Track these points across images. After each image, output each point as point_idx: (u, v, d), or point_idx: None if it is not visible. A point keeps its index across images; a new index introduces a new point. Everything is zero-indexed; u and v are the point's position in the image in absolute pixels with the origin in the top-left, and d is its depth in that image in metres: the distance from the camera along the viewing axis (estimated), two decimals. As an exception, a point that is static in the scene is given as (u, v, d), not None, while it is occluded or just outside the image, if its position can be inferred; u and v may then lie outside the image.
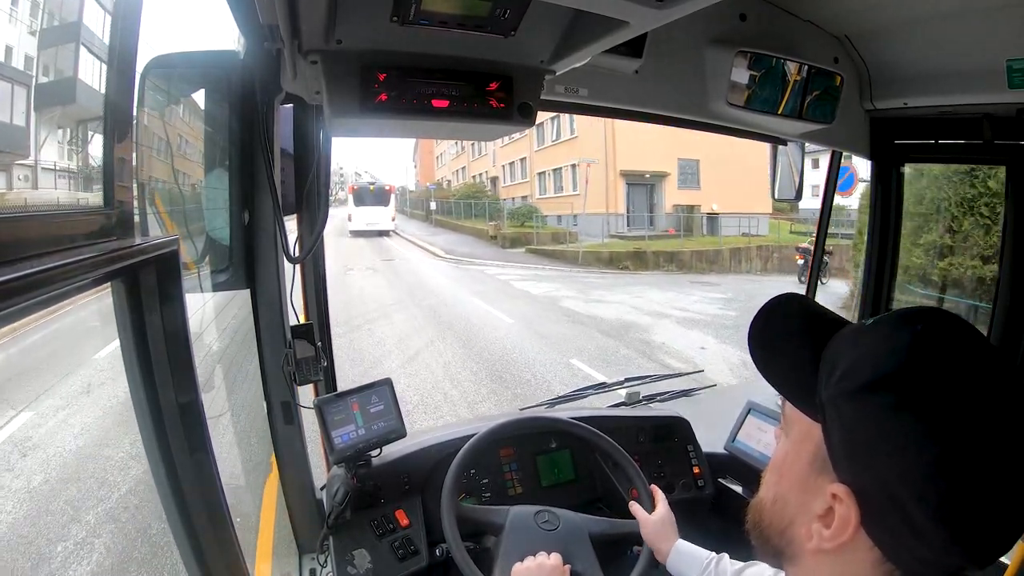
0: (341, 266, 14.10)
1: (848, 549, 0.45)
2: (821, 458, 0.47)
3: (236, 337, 4.64)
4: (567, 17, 0.79)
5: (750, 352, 0.54)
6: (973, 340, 0.44)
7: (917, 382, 0.42)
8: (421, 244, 20.56)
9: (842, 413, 0.45)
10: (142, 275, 0.73)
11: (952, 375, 0.42)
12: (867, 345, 0.46)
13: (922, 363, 0.42)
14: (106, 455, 3.69)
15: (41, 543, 2.86)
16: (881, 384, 0.43)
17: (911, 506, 0.41)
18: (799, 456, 0.50)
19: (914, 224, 4.09)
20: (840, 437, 0.45)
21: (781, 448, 0.54)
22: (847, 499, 0.44)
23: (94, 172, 0.87)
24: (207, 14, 2.90)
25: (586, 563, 1.11)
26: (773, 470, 0.54)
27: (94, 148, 0.98)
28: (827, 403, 0.46)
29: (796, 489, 0.50)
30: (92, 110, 0.84)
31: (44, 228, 0.55)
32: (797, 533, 0.49)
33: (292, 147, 1.18)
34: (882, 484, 0.42)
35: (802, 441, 0.49)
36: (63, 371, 4.72)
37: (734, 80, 1.20)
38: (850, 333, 0.49)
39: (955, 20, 1.15)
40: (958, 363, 0.42)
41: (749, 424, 1.51)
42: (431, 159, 42.72)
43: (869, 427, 0.43)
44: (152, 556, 2.80)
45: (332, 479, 1.24)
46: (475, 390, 5.67)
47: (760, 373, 0.53)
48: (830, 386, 0.46)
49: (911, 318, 0.46)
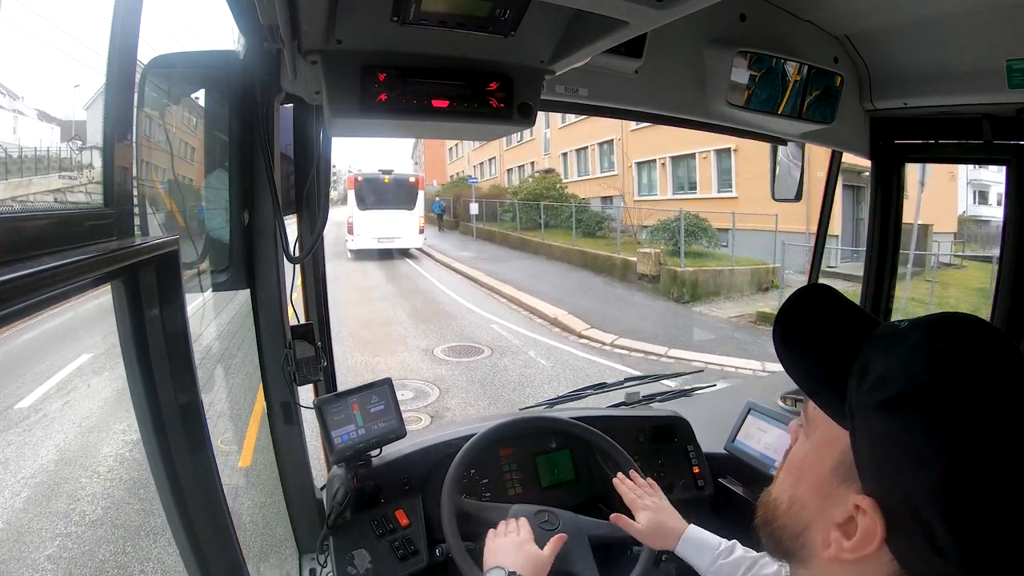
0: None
1: (867, 561, 0.44)
2: (846, 466, 0.46)
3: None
4: (567, 17, 0.79)
5: (775, 347, 0.52)
6: (1010, 354, 0.42)
7: (950, 398, 0.41)
8: (490, 285, 10.89)
9: (871, 424, 0.44)
10: (142, 275, 0.73)
11: (986, 394, 0.40)
12: (901, 352, 0.44)
13: (955, 378, 0.41)
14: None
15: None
16: (913, 398, 0.41)
17: (936, 524, 0.40)
18: (821, 461, 0.48)
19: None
20: (869, 449, 0.44)
21: (800, 448, 0.52)
22: (872, 512, 0.43)
23: (94, 172, 0.87)
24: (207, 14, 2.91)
25: (584, 565, 1.11)
26: (790, 470, 0.53)
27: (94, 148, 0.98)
28: (856, 411, 0.45)
29: (815, 494, 0.49)
30: (92, 110, 0.85)
31: (44, 228, 0.55)
32: (812, 538, 0.48)
33: (292, 147, 1.19)
34: (909, 500, 0.41)
35: (825, 445, 0.48)
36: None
37: (734, 80, 1.20)
38: (885, 336, 0.47)
39: (955, 20, 1.15)
40: (993, 380, 0.41)
41: (749, 424, 1.51)
42: (441, 152, 34.21)
43: (899, 441, 0.42)
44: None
45: (332, 479, 1.24)
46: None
47: (785, 370, 0.52)
48: (861, 393, 0.45)
49: (948, 326, 0.45)
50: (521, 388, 5.71)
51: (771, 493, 0.55)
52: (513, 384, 5.83)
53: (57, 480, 3.66)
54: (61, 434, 4.24)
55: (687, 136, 12.37)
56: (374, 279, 12.19)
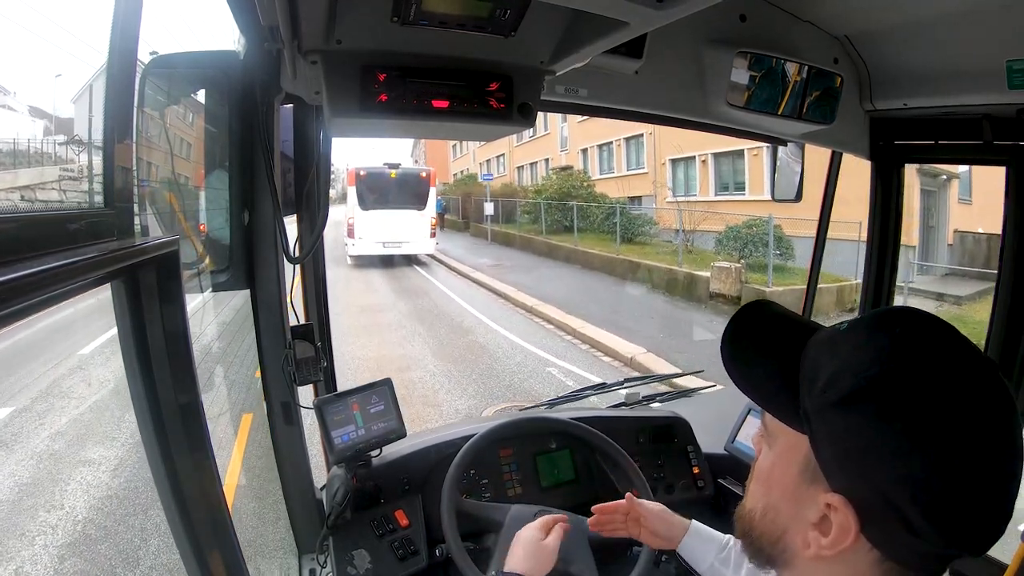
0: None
1: (848, 552, 0.45)
2: (811, 468, 0.47)
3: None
4: (567, 18, 0.79)
5: (725, 366, 0.53)
6: (951, 339, 0.44)
7: (901, 388, 0.42)
8: (528, 305, 8.65)
9: (829, 424, 0.45)
10: (142, 275, 0.73)
11: (934, 378, 0.43)
12: (846, 352, 0.46)
13: (903, 368, 0.43)
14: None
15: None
16: (865, 393, 0.43)
17: (907, 508, 0.42)
18: (787, 467, 0.50)
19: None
20: (829, 448, 0.45)
21: (766, 459, 0.53)
22: (843, 508, 0.44)
23: (94, 172, 0.87)
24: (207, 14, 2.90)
25: (584, 566, 1.11)
26: (759, 481, 0.54)
27: (94, 148, 0.98)
28: (812, 415, 0.46)
29: (787, 500, 0.50)
30: (92, 110, 0.85)
31: (44, 228, 0.55)
32: (792, 541, 0.50)
33: (292, 147, 1.19)
34: (877, 490, 0.43)
35: (788, 452, 0.49)
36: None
37: (734, 80, 1.20)
38: (826, 339, 0.49)
39: (955, 20, 1.15)
40: (938, 365, 0.43)
41: (749, 425, 1.51)
42: (444, 149, 31.44)
43: (858, 436, 0.43)
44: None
45: (332, 479, 1.24)
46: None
47: (737, 386, 0.53)
48: (813, 397, 0.46)
49: (887, 320, 0.46)
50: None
51: (745, 506, 0.56)
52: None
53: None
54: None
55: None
56: (381, 294, 10.00)
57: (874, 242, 1.70)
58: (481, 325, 7.82)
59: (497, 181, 22.18)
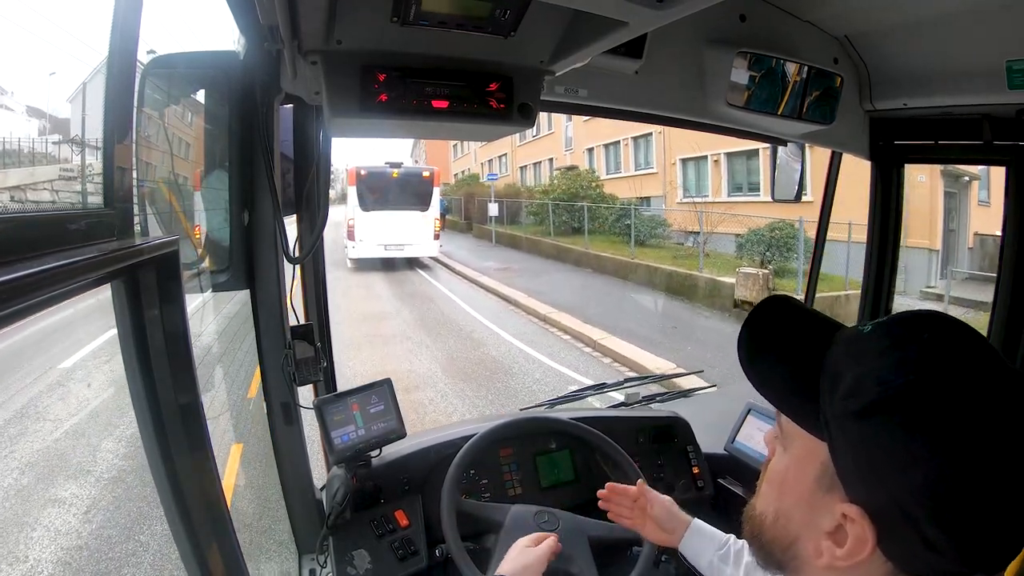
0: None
1: (862, 564, 0.44)
2: (828, 476, 0.46)
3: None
4: (567, 18, 0.79)
5: (742, 366, 0.52)
6: (979, 349, 0.43)
7: (927, 401, 0.41)
8: (543, 314, 8.06)
9: (849, 433, 0.44)
10: (142, 275, 0.73)
11: (962, 391, 0.41)
12: (870, 358, 0.44)
13: (930, 380, 0.41)
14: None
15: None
16: (890, 403, 0.42)
17: (924, 522, 0.40)
18: (803, 473, 0.48)
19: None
20: (850, 458, 0.44)
21: (780, 462, 0.52)
22: (860, 519, 0.43)
23: (94, 172, 0.87)
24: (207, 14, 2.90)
25: (583, 566, 1.11)
26: (772, 484, 0.53)
27: (94, 148, 0.98)
28: (832, 422, 0.45)
29: (801, 507, 0.49)
30: (92, 110, 0.85)
31: (44, 228, 0.55)
32: (803, 549, 0.49)
33: (292, 147, 1.19)
34: (895, 502, 0.42)
35: (805, 458, 0.48)
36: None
37: (734, 80, 1.20)
38: (850, 341, 0.47)
39: (955, 20, 1.15)
40: (966, 377, 0.41)
41: (749, 425, 1.51)
42: (444, 149, 30.72)
43: (880, 447, 0.42)
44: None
45: (332, 479, 1.24)
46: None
47: (754, 386, 0.51)
48: (834, 403, 0.45)
49: (914, 326, 0.45)
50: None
51: (755, 507, 0.54)
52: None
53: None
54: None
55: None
56: (383, 300, 9.49)
57: (874, 243, 1.70)
58: (492, 335, 7.28)
59: (500, 181, 21.72)
